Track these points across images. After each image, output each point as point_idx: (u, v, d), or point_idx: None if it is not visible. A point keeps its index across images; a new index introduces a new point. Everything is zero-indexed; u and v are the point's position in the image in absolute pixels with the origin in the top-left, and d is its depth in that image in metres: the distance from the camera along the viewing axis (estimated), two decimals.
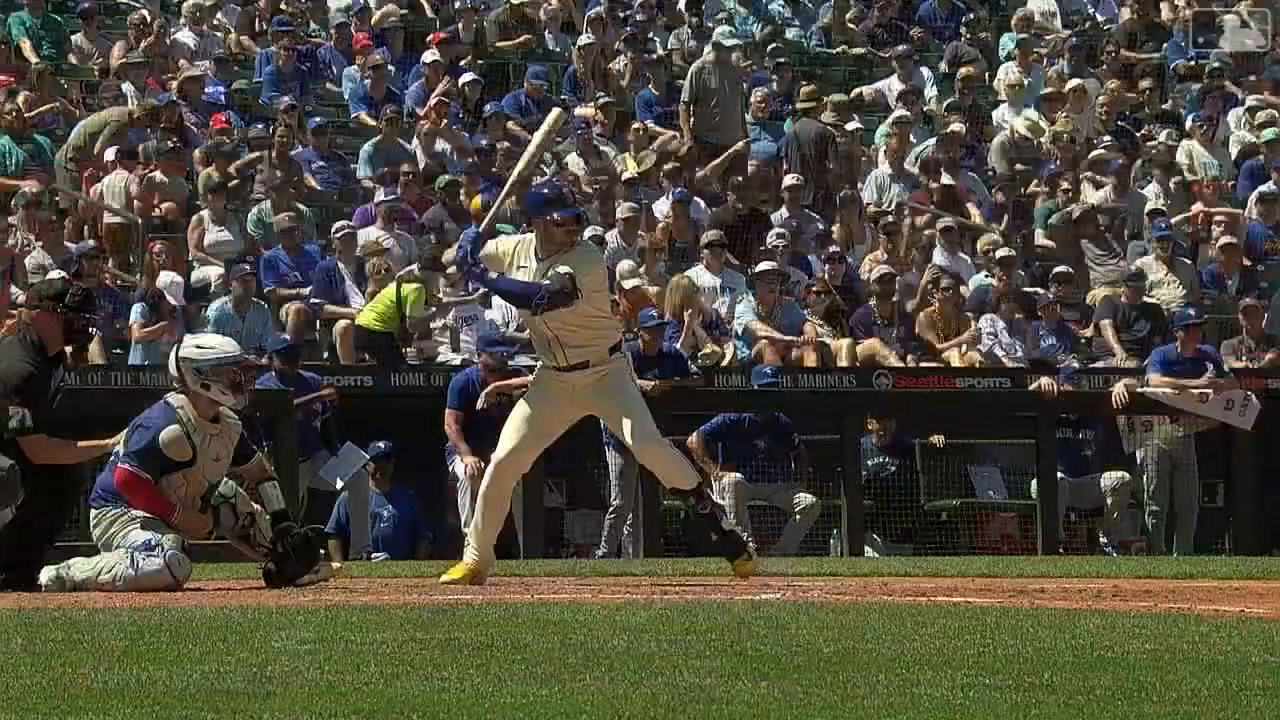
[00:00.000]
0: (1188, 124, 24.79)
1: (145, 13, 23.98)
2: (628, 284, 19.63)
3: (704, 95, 23.08)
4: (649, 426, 12.75)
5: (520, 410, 12.84)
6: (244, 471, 12.66)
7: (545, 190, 13.15)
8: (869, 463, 19.34)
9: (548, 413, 12.72)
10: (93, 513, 12.38)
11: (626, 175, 22.56)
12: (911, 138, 23.76)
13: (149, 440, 12.20)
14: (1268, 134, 23.77)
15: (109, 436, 12.46)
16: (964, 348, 20.55)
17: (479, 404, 18.49)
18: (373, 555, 18.38)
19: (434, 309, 20.10)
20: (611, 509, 18.74)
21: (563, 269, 12.37)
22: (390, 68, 24.01)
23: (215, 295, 20.14)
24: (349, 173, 22.82)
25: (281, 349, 18.65)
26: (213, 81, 23.44)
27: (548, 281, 12.34)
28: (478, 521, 13.08)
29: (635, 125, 23.71)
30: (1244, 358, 20.70)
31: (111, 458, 12.37)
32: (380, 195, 21.50)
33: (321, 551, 13.16)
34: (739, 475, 18.70)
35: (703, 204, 22.57)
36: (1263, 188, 23.49)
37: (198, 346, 12.55)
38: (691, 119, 23.13)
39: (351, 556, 18.17)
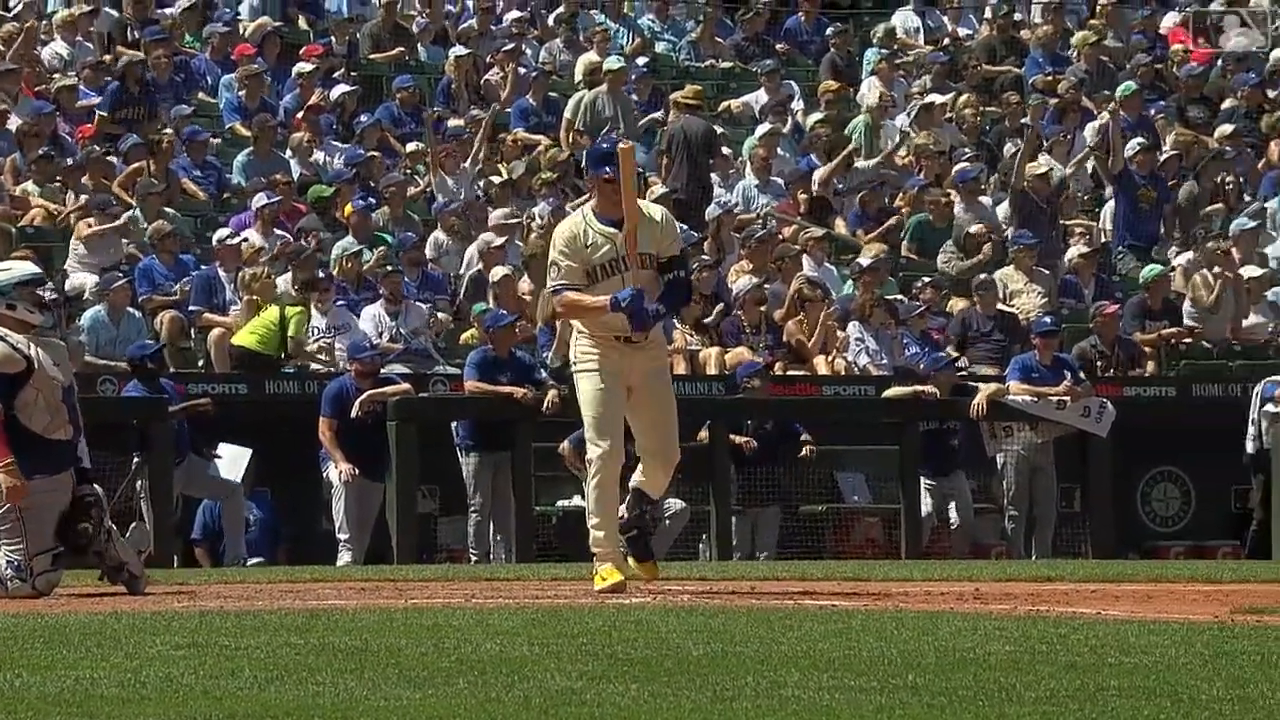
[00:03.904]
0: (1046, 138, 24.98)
1: (15, 23, 23.71)
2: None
3: (600, 124, 23.13)
4: (674, 449, 12.55)
5: (597, 398, 12.27)
6: None
7: (603, 144, 12.92)
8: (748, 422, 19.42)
9: (617, 388, 12.27)
10: None
11: (499, 180, 22.57)
12: (780, 150, 23.86)
13: None
14: (1133, 145, 23.83)
15: None
16: (831, 355, 20.66)
17: (353, 412, 18.47)
18: (247, 561, 18.26)
19: (316, 330, 19.91)
20: (474, 509, 18.75)
21: (673, 250, 12.34)
22: (266, 77, 23.87)
23: (90, 304, 19.94)
24: (224, 182, 22.68)
25: (143, 355, 18.46)
26: (85, 93, 23.20)
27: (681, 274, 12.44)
28: (603, 520, 12.47)
29: (508, 135, 23.71)
30: (1098, 363, 20.86)
31: None
32: (262, 198, 21.31)
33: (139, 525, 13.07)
34: None
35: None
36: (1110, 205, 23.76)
37: None
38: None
39: (227, 563, 18.07)
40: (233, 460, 18.50)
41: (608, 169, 12.28)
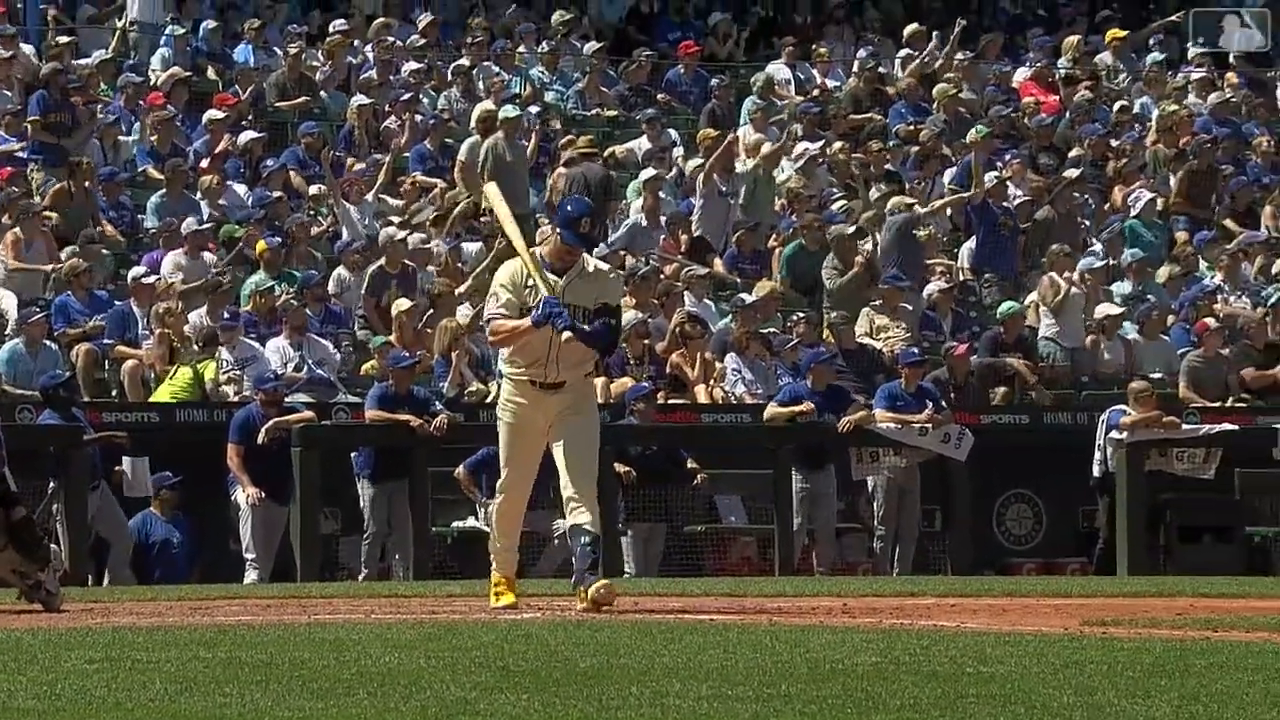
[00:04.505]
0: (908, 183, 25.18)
1: None
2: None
3: (501, 167, 23.15)
4: (591, 463, 12.42)
5: (510, 439, 12.42)
6: None
7: (570, 208, 12.69)
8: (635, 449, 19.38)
9: (535, 432, 12.33)
10: None
11: (398, 221, 22.53)
12: (661, 193, 23.93)
13: None
14: (990, 177, 24.04)
15: None
16: (710, 385, 20.73)
17: (259, 439, 18.43)
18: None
19: (225, 362, 19.79)
20: (367, 535, 18.74)
21: (609, 299, 12.30)
22: (177, 123, 23.78)
23: (10, 336, 19.82)
24: (137, 223, 22.60)
25: (55, 384, 18.34)
26: (4, 139, 23.04)
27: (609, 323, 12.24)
28: (502, 544, 12.57)
29: (406, 179, 23.68)
30: (951, 395, 20.98)
31: None
32: (192, 223, 21.24)
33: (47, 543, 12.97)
34: None
35: (472, 249, 22.59)
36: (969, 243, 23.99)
37: None
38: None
39: (109, 584, 18.00)
40: (139, 473, 18.43)
41: (565, 234, 12.29)
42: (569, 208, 12.67)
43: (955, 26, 27.64)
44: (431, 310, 20.82)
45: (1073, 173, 24.97)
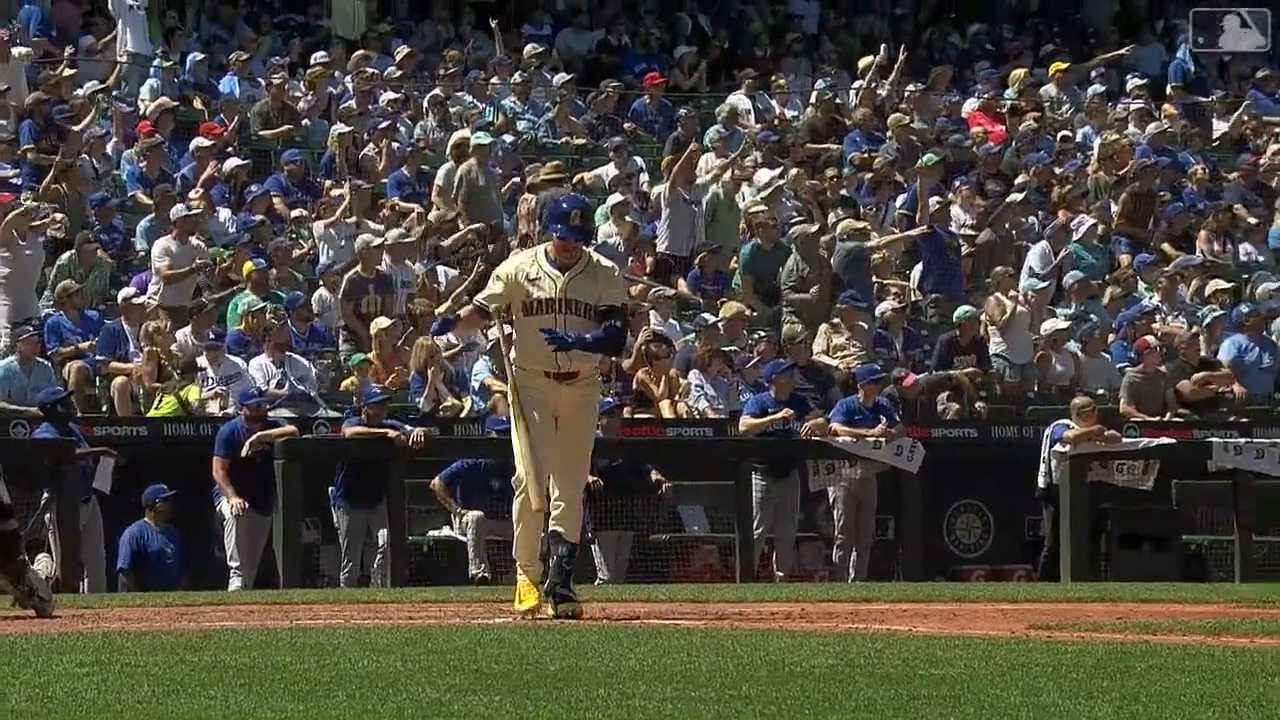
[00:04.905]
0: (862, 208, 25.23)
1: None
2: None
3: (475, 192, 23.14)
4: (582, 472, 12.25)
5: (527, 430, 11.97)
6: None
7: (564, 204, 12.35)
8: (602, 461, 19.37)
9: (550, 421, 12.00)
10: None
11: (375, 243, 22.52)
12: (627, 217, 23.95)
13: None
14: (933, 201, 24.12)
15: None
16: (675, 400, 20.75)
17: (243, 452, 18.41)
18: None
19: (209, 380, 19.80)
20: (345, 564, 18.68)
21: (614, 300, 11.98)
22: (165, 148, 23.79)
23: (4, 354, 19.79)
24: (128, 245, 22.58)
25: (54, 400, 18.34)
26: (1, 165, 23.01)
27: (616, 325, 11.92)
28: (523, 549, 12.21)
29: (386, 202, 23.68)
30: (901, 409, 21.00)
31: None
32: (181, 209, 21.31)
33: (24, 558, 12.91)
34: (480, 513, 18.66)
35: (449, 271, 22.58)
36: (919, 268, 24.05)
37: None
38: (468, 213, 23.19)
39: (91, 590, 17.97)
40: (103, 470, 18.44)
41: (559, 228, 12.04)
42: (563, 204, 12.36)
43: (899, 53, 27.76)
44: (411, 329, 20.85)
45: (1015, 197, 25.07)
